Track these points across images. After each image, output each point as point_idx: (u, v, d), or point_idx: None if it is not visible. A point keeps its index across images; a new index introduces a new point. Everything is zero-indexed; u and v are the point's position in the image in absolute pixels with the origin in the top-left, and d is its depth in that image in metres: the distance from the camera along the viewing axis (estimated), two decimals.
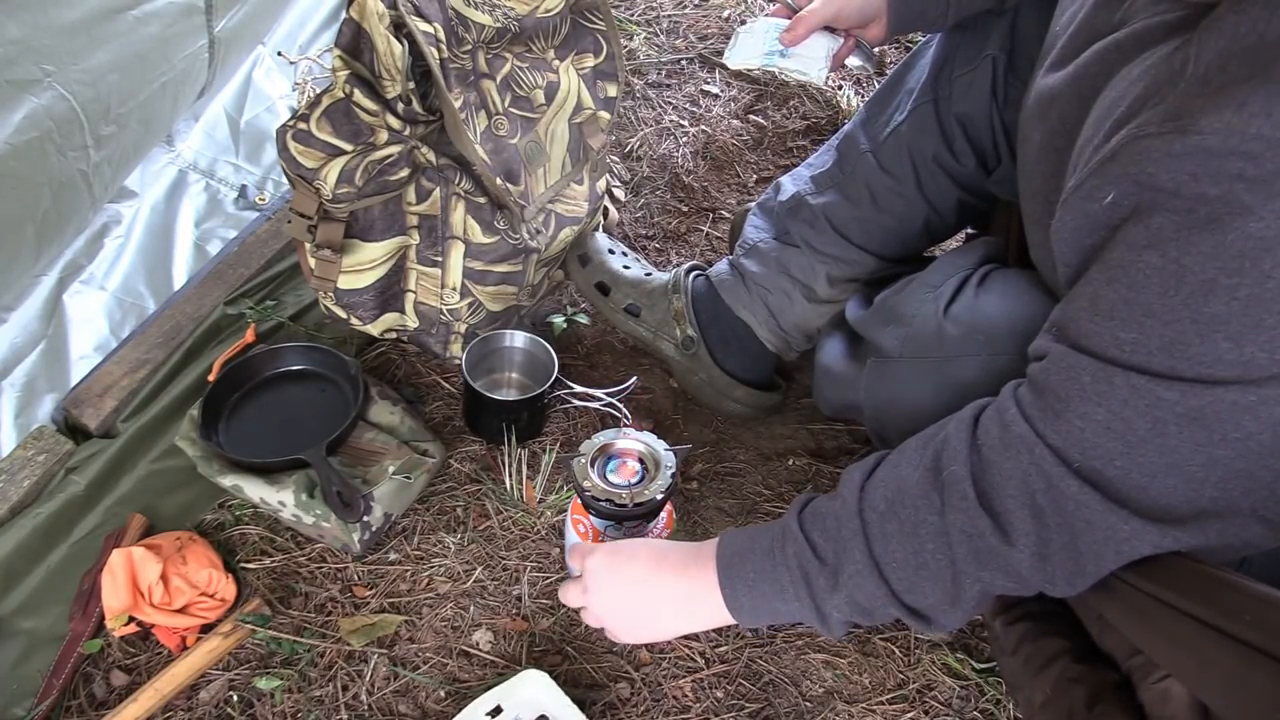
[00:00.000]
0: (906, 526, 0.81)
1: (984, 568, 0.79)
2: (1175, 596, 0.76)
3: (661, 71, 1.96)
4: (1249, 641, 0.69)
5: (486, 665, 1.14)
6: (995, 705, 1.12)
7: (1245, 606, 0.70)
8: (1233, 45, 0.66)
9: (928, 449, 0.83)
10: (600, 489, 1.11)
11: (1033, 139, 0.93)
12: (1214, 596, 0.75)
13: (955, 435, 0.81)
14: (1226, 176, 0.64)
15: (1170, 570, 0.80)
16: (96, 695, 1.09)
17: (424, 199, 1.27)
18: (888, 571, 0.83)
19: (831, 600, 0.86)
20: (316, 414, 1.28)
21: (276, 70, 1.77)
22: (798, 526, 0.88)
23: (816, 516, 0.88)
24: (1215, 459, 0.70)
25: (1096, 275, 0.74)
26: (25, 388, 1.34)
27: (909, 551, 0.81)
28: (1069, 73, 0.87)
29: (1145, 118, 0.70)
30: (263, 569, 1.20)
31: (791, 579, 0.87)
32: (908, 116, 1.24)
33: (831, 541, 0.85)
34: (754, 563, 0.90)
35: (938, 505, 0.80)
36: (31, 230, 1.27)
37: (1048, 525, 0.76)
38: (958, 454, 0.80)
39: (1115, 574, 0.84)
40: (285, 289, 1.51)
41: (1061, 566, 0.77)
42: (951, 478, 0.79)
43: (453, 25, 1.21)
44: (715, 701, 1.12)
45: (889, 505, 0.83)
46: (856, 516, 0.84)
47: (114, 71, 1.27)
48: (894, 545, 0.82)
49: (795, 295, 1.33)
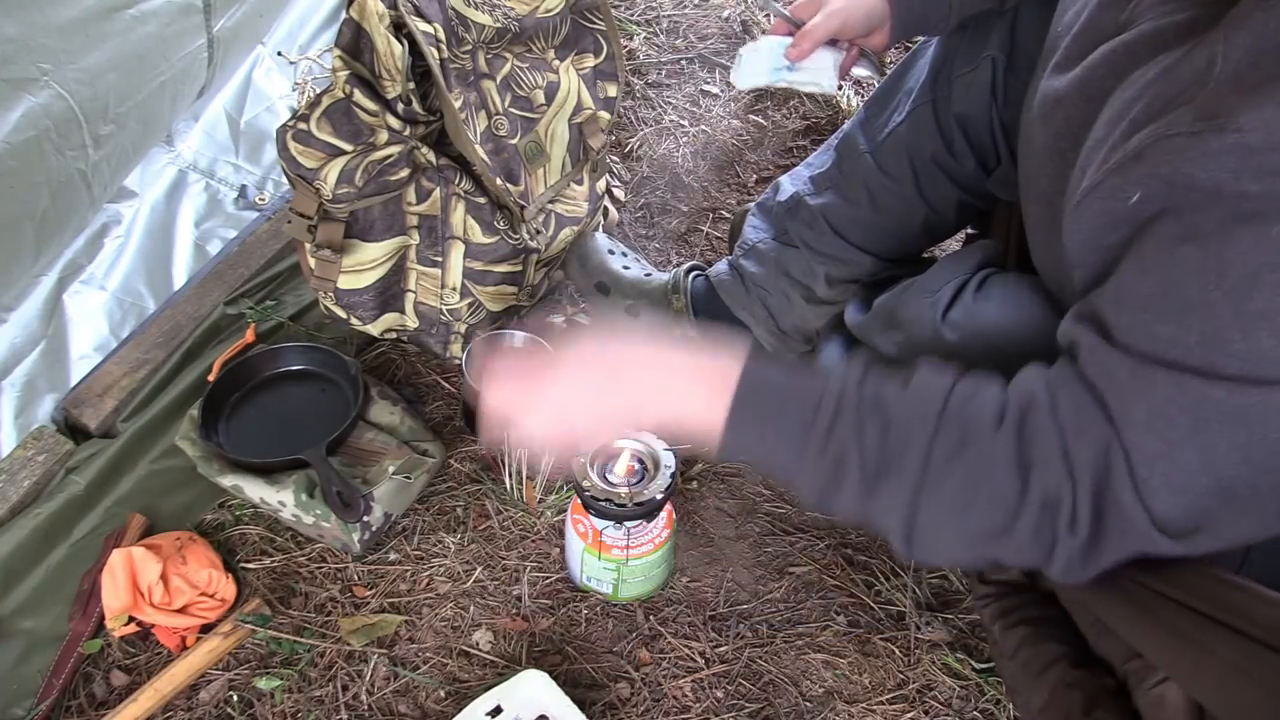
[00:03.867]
0: (971, 481, 0.73)
1: (1032, 543, 0.73)
2: (1178, 592, 0.75)
3: (661, 71, 1.96)
4: (1254, 636, 0.69)
5: (486, 665, 1.14)
6: (995, 705, 1.12)
7: (1253, 605, 0.70)
8: (1263, 42, 0.66)
9: (1003, 403, 0.74)
10: (600, 489, 1.11)
11: (1036, 141, 0.92)
12: (1220, 595, 0.74)
13: (1041, 399, 0.73)
14: (1268, 173, 0.63)
15: (1174, 569, 0.80)
16: (96, 695, 1.09)
17: (424, 199, 1.27)
18: (920, 517, 0.74)
19: (840, 493, 0.75)
20: (316, 414, 1.28)
21: (276, 70, 1.77)
22: (854, 406, 0.75)
23: (879, 406, 0.75)
24: (1251, 460, 0.67)
25: (1127, 270, 0.71)
26: (25, 388, 1.34)
27: (962, 497, 0.73)
28: (1075, 75, 0.86)
29: (1173, 117, 0.68)
30: (263, 569, 1.20)
31: (818, 453, 0.75)
32: (906, 117, 1.24)
33: (883, 453, 0.74)
34: (780, 415, 0.76)
35: (1019, 489, 0.72)
36: (30, 230, 1.27)
37: (1096, 523, 0.72)
38: (1048, 423, 0.72)
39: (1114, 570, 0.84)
40: (285, 289, 1.51)
41: (1082, 560, 0.74)
42: (1046, 448, 0.71)
43: (453, 25, 1.21)
44: (715, 701, 1.12)
45: (959, 449, 0.73)
46: (924, 448, 0.73)
47: (112, 70, 1.27)
48: (945, 495, 0.73)
49: (794, 296, 1.33)
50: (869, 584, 1.23)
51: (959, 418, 0.74)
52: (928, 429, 0.74)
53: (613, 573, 1.16)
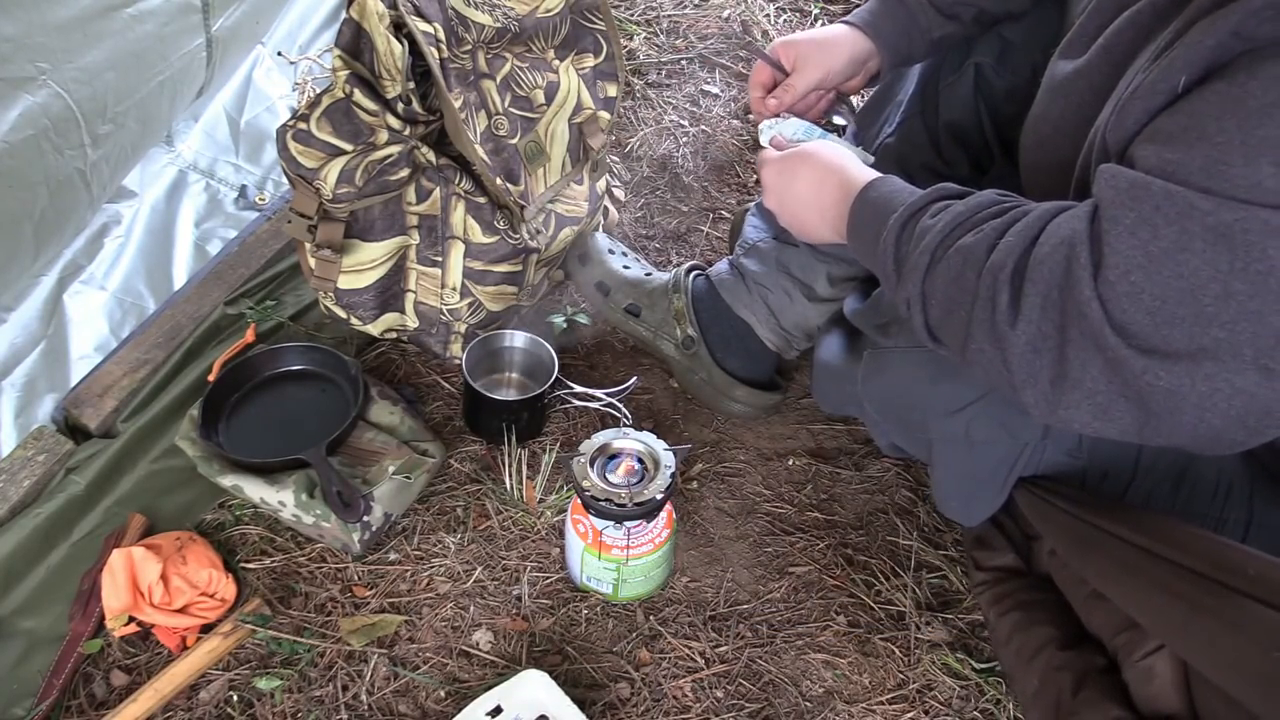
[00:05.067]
0: (953, 271, 0.80)
1: (988, 339, 0.77)
2: (1170, 550, 0.76)
3: (661, 71, 1.96)
4: (1246, 591, 0.69)
5: (486, 665, 1.14)
6: (995, 705, 1.12)
7: (1247, 564, 0.71)
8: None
9: (1006, 215, 0.81)
10: (600, 489, 1.11)
11: (1050, 117, 0.93)
12: (1212, 552, 0.75)
13: (1035, 214, 0.79)
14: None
15: (1168, 528, 0.80)
16: (96, 695, 1.09)
17: (424, 199, 1.27)
18: (929, 308, 0.84)
19: (897, 293, 0.88)
20: (316, 414, 1.28)
21: (276, 70, 1.77)
22: (895, 230, 0.87)
23: (907, 227, 0.87)
24: (1231, 292, 0.68)
25: (1160, 116, 0.73)
26: (25, 388, 1.34)
27: (947, 297, 0.81)
28: (1099, 44, 0.88)
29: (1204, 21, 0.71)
30: (263, 569, 1.20)
31: (880, 262, 0.89)
32: (896, 130, 1.26)
33: (904, 258, 0.86)
34: (871, 221, 0.92)
35: (979, 263, 0.78)
36: (29, 229, 1.27)
37: (1050, 320, 0.74)
38: (1025, 230, 0.77)
39: (1107, 529, 0.84)
40: (285, 289, 1.51)
41: (1047, 368, 0.75)
42: (1006, 248, 0.77)
43: (453, 25, 1.21)
44: (715, 701, 1.12)
45: (946, 256, 0.82)
46: (930, 252, 0.83)
47: (110, 70, 1.27)
48: (939, 291, 0.82)
49: (795, 294, 1.33)
50: (869, 584, 1.23)
51: (959, 232, 0.82)
52: (937, 240, 0.83)
53: (613, 573, 1.16)
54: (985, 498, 1.01)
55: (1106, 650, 0.93)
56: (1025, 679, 1.00)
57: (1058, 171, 0.90)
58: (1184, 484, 0.97)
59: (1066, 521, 0.91)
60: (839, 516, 1.31)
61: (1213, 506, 0.97)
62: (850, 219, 0.95)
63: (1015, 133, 1.03)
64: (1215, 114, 0.68)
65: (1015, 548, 1.09)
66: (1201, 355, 0.70)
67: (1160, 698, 0.85)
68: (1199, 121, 0.69)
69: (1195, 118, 0.70)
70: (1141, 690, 0.87)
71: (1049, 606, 1.02)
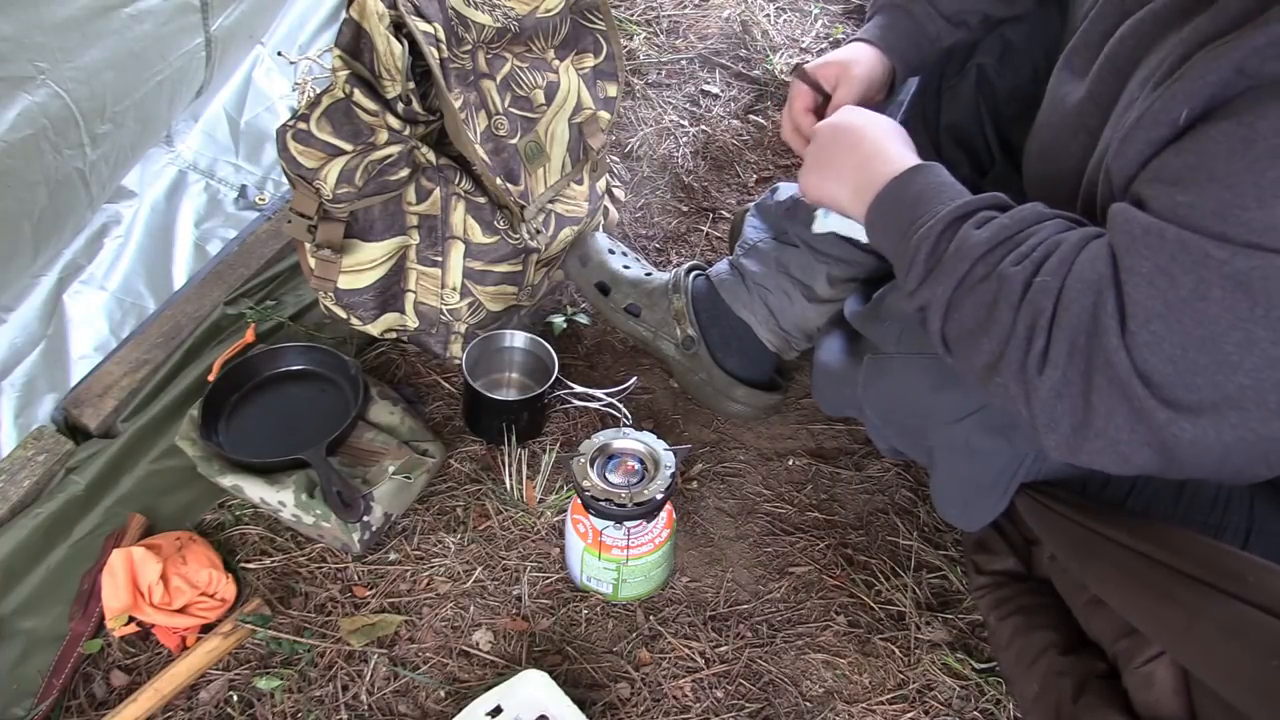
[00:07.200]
0: (987, 297, 0.79)
1: (1015, 379, 0.77)
2: (1170, 556, 0.76)
3: (661, 71, 1.96)
4: (1247, 599, 0.69)
5: (486, 665, 1.14)
6: (995, 705, 1.12)
7: (1247, 571, 0.70)
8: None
9: (1040, 248, 0.79)
10: (600, 489, 1.11)
11: (1052, 123, 0.93)
12: (1212, 559, 0.75)
13: (1068, 245, 0.77)
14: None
15: (1168, 534, 0.80)
16: (96, 695, 1.09)
17: (424, 199, 1.27)
18: (950, 319, 0.82)
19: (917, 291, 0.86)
20: (316, 414, 1.28)
21: (276, 70, 1.77)
22: (938, 229, 0.84)
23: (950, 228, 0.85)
24: (1254, 339, 0.68)
25: (1167, 152, 0.73)
26: (25, 388, 1.34)
27: (974, 321, 0.80)
28: (1103, 56, 0.87)
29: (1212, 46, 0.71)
30: (263, 569, 1.20)
31: (908, 252, 0.87)
32: None
33: (939, 259, 0.84)
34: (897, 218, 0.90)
35: (1015, 299, 0.77)
36: (28, 229, 1.27)
37: (1075, 367, 0.73)
38: (1059, 267, 0.76)
39: (1107, 534, 0.84)
40: (285, 289, 1.51)
41: (1069, 414, 0.74)
42: (1042, 288, 0.76)
43: (453, 25, 1.21)
44: (715, 701, 1.12)
45: (986, 277, 0.80)
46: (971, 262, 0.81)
47: (109, 69, 1.27)
48: (967, 309, 0.80)
49: (795, 295, 1.33)
50: (869, 584, 1.23)
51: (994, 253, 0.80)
52: (978, 254, 0.80)
53: (613, 573, 1.16)
54: (986, 504, 1.01)
55: (1107, 656, 0.93)
56: (1025, 683, 1.00)
57: (1062, 182, 0.90)
58: (1184, 491, 0.97)
59: (1067, 527, 0.91)
60: (839, 516, 1.31)
61: (1213, 513, 0.97)
62: (884, 193, 0.92)
63: (1016, 134, 1.03)
64: (1224, 154, 0.68)
65: (1016, 552, 1.09)
66: (1226, 405, 0.70)
67: (1160, 704, 0.85)
68: (1207, 161, 0.69)
69: (1203, 157, 0.69)
70: (1142, 696, 0.87)
71: (1049, 611, 1.02)
